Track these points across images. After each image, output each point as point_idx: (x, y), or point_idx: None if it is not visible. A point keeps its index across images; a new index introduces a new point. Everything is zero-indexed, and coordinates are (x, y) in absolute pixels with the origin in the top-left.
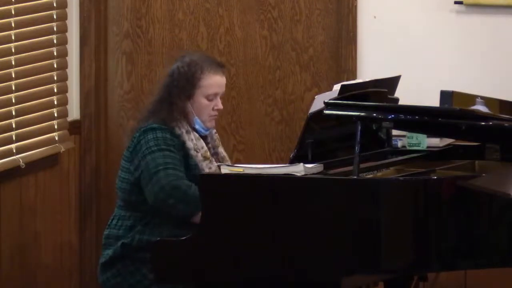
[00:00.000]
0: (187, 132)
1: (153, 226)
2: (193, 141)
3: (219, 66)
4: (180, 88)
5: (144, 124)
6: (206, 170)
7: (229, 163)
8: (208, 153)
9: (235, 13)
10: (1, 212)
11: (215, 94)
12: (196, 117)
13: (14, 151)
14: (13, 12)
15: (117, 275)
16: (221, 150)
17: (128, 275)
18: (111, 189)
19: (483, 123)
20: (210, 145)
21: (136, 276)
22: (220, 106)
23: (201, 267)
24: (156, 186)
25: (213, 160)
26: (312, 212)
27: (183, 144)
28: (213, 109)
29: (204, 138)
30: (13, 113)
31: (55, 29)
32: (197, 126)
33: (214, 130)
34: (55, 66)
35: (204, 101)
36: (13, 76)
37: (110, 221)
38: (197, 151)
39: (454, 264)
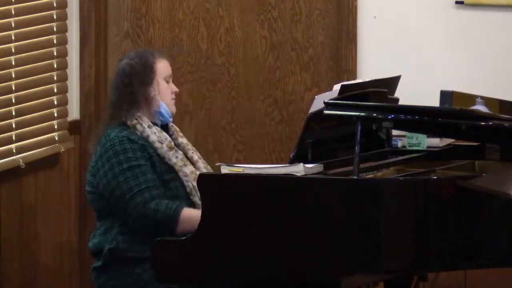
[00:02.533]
0: (149, 126)
1: (128, 224)
2: (156, 134)
3: (163, 52)
4: (138, 77)
5: (104, 133)
6: (173, 160)
7: (192, 150)
8: (173, 143)
9: (235, 13)
10: (1, 212)
11: (170, 76)
12: (161, 102)
13: (14, 151)
14: (13, 12)
15: (112, 278)
16: (181, 140)
17: (123, 277)
18: None
19: (483, 123)
20: (173, 137)
21: (131, 277)
22: (177, 89)
23: (201, 267)
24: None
25: (178, 149)
26: (312, 212)
27: (146, 140)
28: (172, 92)
29: (165, 131)
30: (13, 113)
31: (55, 29)
32: (162, 111)
33: (171, 123)
34: (55, 66)
35: (164, 84)
36: (13, 76)
37: (91, 234)
38: (161, 143)
39: (454, 264)
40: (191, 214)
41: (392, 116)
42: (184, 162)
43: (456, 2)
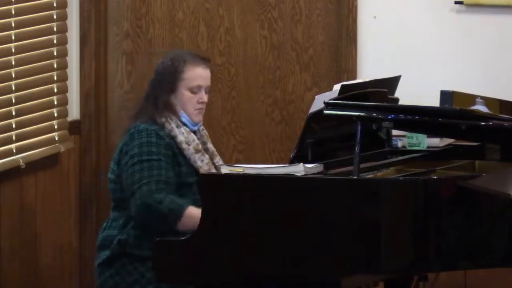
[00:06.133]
0: (178, 126)
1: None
2: (183, 135)
3: (202, 59)
4: (164, 82)
5: (132, 125)
6: (199, 163)
7: (218, 158)
8: (200, 146)
9: (235, 13)
10: (1, 212)
11: (199, 87)
12: (182, 111)
13: (14, 151)
14: (13, 12)
15: (116, 275)
16: (210, 145)
17: (126, 274)
18: None
19: (483, 123)
20: (199, 141)
21: (134, 275)
22: (205, 99)
23: (201, 267)
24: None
25: (205, 153)
26: (312, 212)
27: (173, 139)
28: (198, 102)
29: (193, 134)
30: (13, 113)
31: (55, 29)
32: (184, 120)
33: (202, 127)
34: (55, 66)
35: (188, 94)
36: (13, 76)
37: (104, 224)
38: (188, 144)
39: (454, 264)
40: (195, 213)
41: (392, 116)
42: (209, 166)
43: (456, 2)
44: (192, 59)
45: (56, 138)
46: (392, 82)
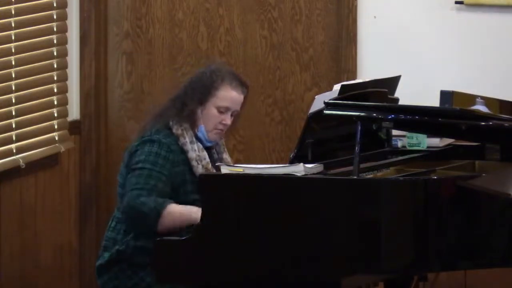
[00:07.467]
0: (192, 142)
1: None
2: (196, 152)
3: (241, 84)
4: (196, 91)
5: (149, 131)
6: None
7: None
8: (210, 165)
9: (235, 13)
10: (1, 212)
11: (227, 108)
12: (202, 125)
13: (14, 151)
14: (13, 12)
15: (115, 278)
16: (226, 156)
17: (125, 278)
18: (111, 189)
19: (483, 123)
20: (214, 150)
21: (134, 279)
22: (228, 122)
23: (201, 267)
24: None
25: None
26: (312, 212)
27: (185, 153)
28: (220, 122)
29: (206, 150)
30: (13, 113)
31: (55, 29)
32: (199, 134)
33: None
34: (55, 66)
35: (214, 112)
36: (13, 76)
37: (110, 222)
38: (198, 162)
39: (454, 264)
40: (175, 210)
41: (392, 116)
42: None
43: (456, 2)
44: (231, 80)
45: (56, 138)
46: (392, 82)
